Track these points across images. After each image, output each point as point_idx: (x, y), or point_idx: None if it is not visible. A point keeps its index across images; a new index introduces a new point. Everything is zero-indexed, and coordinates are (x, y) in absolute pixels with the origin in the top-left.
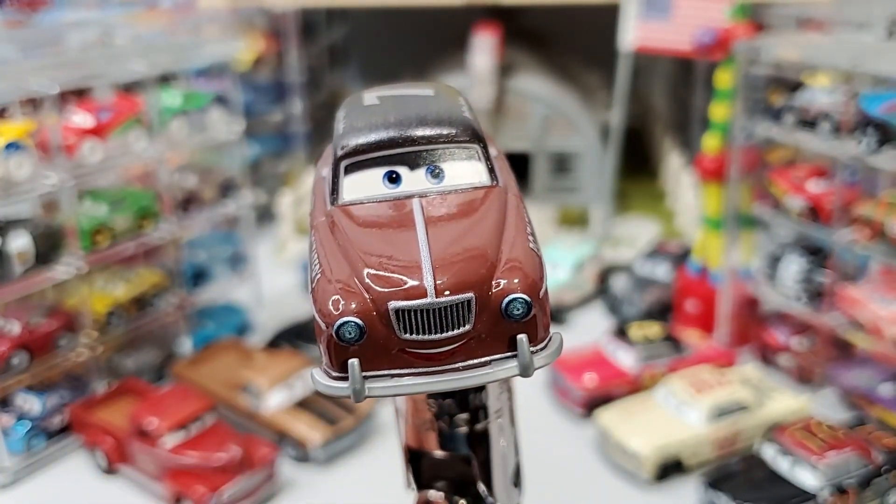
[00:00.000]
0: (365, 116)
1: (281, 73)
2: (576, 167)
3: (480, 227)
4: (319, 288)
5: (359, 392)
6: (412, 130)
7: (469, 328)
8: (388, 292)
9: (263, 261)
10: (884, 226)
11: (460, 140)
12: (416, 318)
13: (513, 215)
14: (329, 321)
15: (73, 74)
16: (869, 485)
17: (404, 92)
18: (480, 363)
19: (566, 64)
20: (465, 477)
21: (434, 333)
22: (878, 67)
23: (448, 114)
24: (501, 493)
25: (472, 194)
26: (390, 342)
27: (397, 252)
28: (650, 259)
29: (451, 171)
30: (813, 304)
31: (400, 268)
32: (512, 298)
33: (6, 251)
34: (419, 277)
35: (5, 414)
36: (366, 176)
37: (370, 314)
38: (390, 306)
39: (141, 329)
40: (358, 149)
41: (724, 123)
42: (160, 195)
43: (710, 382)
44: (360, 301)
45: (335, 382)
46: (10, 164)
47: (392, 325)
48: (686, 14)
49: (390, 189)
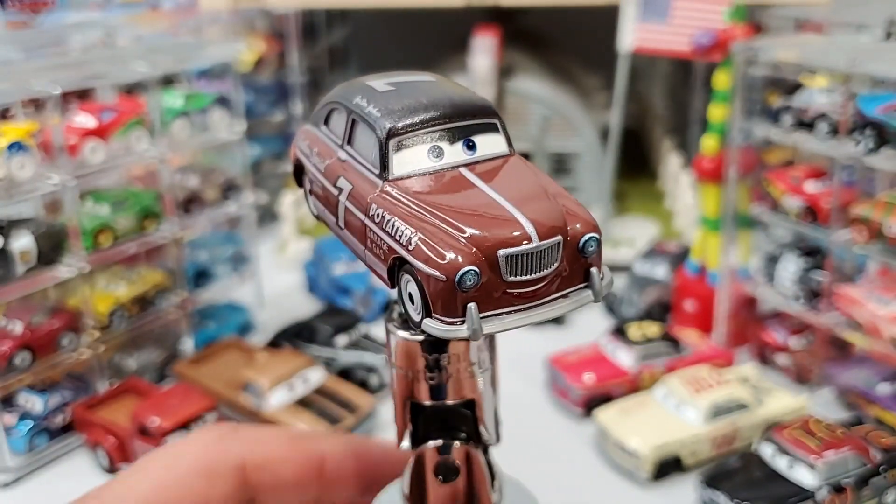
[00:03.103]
0: (396, 100)
1: (282, 75)
2: (575, 168)
3: (530, 183)
4: (426, 247)
5: (477, 331)
6: (447, 110)
7: (558, 266)
8: (496, 241)
9: (265, 261)
10: (881, 226)
11: (485, 116)
12: (521, 261)
13: (541, 175)
14: (450, 273)
15: (76, 75)
16: (867, 483)
17: (408, 79)
18: (562, 295)
19: (565, 65)
20: (458, 423)
21: (534, 273)
22: (875, 69)
23: (469, 95)
24: (493, 431)
25: (502, 161)
26: (496, 286)
27: (481, 210)
28: (649, 259)
29: (482, 143)
30: (811, 304)
31: (496, 221)
32: (588, 237)
33: (9, 251)
34: (518, 227)
35: (8, 413)
36: (412, 152)
37: (483, 262)
38: (500, 254)
39: (143, 329)
40: (407, 128)
41: (723, 124)
42: (162, 195)
43: (709, 382)
44: (472, 253)
45: (453, 327)
46: (12, 164)
47: (500, 270)
48: (684, 16)
49: (435, 161)
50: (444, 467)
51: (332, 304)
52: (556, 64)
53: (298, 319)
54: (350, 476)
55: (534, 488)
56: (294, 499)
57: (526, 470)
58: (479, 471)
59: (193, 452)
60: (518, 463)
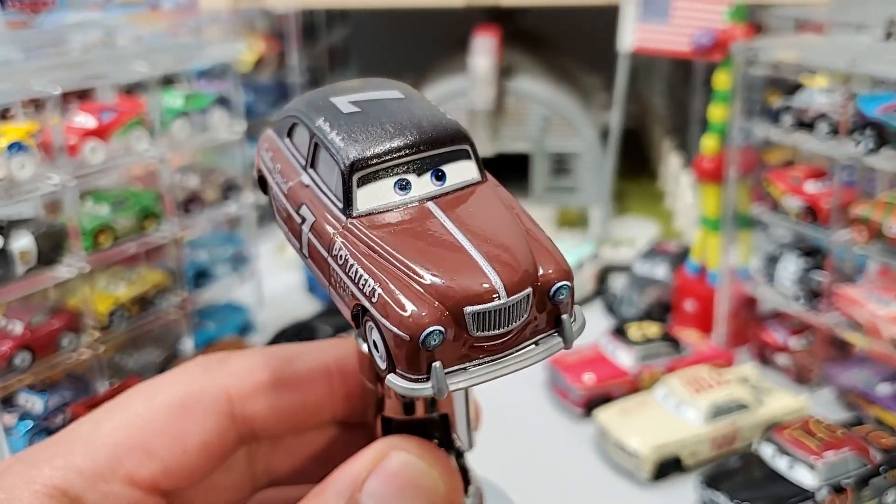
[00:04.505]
0: (359, 126)
1: (282, 74)
2: (575, 168)
3: (501, 220)
4: (388, 302)
5: (443, 390)
6: (415, 139)
7: (527, 318)
8: (462, 297)
9: (264, 261)
10: (881, 226)
11: (455, 143)
12: (488, 318)
13: (513, 205)
14: (414, 332)
15: (76, 76)
16: (867, 484)
17: (375, 95)
18: (531, 343)
19: (565, 65)
20: (430, 429)
21: (502, 328)
22: (875, 69)
23: (437, 119)
24: (465, 437)
25: (472, 190)
26: (463, 341)
27: (447, 256)
28: (649, 259)
29: (451, 172)
30: (811, 304)
31: (463, 271)
32: (559, 286)
33: (9, 251)
34: (486, 279)
35: (8, 413)
36: (377, 186)
37: (448, 319)
38: (466, 311)
39: (143, 329)
40: (371, 161)
41: (723, 124)
42: (162, 196)
43: (709, 382)
44: (436, 309)
45: (417, 384)
46: (12, 164)
47: (466, 326)
48: (684, 16)
49: (402, 196)
50: None
51: (331, 304)
52: (556, 64)
53: (298, 319)
54: (339, 386)
55: (534, 488)
56: (298, 424)
57: (526, 470)
58: None
59: (173, 386)
60: (518, 463)
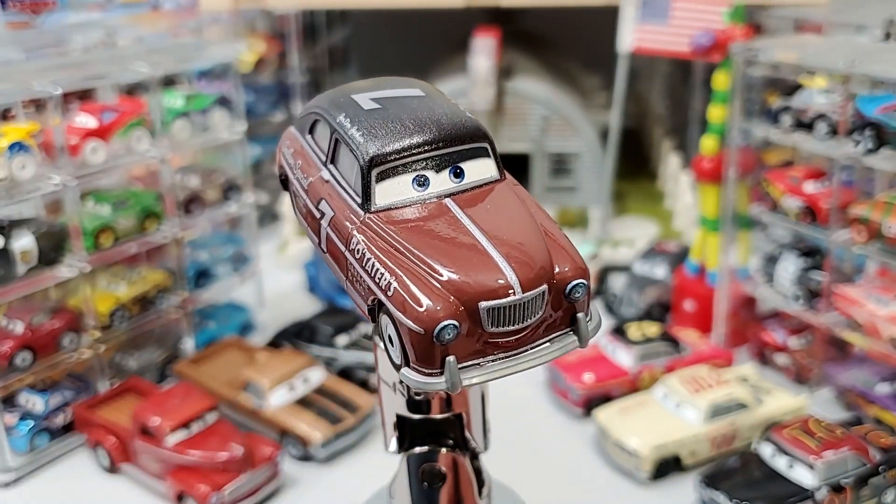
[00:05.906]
0: (379, 123)
1: (283, 75)
2: (575, 168)
3: (518, 218)
4: (403, 296)
5: (456, 384)
6: (434, 136)
7: (542, 314)
8: (477, 292)
9: (265, 261)
10: (880, 226)
11: (474, 140)
12: (503, 313)
13: (531, 205)
14: (428, 326)
15: (77, 76)
16: (866, 483)
17: (396, 93)
18: (546, 340)
19: (565, 66)
20: (445, 430)
21: (517, 324)
22: (874, 69)
23: (457, 116)
24: (480, 439)
25: (490, 188)
26: (477, 336)
27: (463, 253)
28: (648, 259)
29: (470, 169)
30: (810, 304)
31: (479, 266)
32: (575, 284)
33: (10, 251)
34: (502, 275)
35: (9, 413)
36: (396, 182)
37: (462, 313)
38: (481, 306)
39: (144, 328)
40: (390, 157)
41: (722, 125)
42: (163, 196)
43: (708, 381)
44: (451, 303)
45: (431, 379)
46: (13, 164)
47: (481, 321)
48: (684, 16)
49: (420, 192)
50: (429, 473)
51: (332, 304)
52: (555, 64)
53: (299, 319)
54: None
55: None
56: None
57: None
58: (465, 477)
59: None
60: (518, 463)
